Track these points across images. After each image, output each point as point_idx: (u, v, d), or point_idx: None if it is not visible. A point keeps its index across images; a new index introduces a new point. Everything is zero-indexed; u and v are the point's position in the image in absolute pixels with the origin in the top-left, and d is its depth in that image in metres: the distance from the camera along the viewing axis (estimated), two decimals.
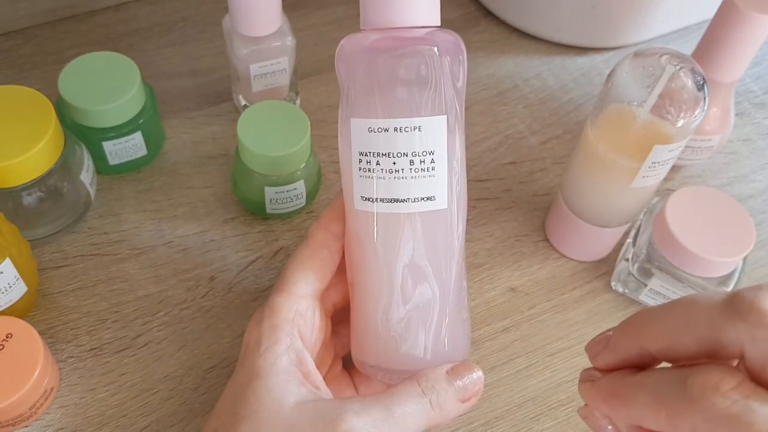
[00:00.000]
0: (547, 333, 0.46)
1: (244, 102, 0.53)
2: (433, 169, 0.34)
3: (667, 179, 0.53)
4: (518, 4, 0.60)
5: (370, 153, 0.34)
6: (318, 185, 0.50)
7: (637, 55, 0.39)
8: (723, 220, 0.42)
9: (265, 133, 0.45)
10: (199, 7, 0.61)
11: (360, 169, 0.34)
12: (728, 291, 0.24)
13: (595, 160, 0.42)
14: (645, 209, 0.46)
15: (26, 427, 0.41)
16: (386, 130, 0.33)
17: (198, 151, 0.53)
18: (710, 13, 0.46)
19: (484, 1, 0.63)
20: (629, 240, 0.46)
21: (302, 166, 0.46)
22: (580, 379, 0.30)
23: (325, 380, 0.36)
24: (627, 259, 0.46)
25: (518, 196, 0.53)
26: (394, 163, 0.33)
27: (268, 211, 0.48)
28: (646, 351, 0.27)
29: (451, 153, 0.34)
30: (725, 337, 0.23)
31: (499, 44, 0.61)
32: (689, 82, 0.38)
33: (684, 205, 0.43)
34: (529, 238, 0.50)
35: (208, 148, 0.53)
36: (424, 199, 0.34)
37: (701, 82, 0.38)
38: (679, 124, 0.38)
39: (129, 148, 0.48)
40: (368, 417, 0.31)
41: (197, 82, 0.56)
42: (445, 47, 0.33)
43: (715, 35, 0.46)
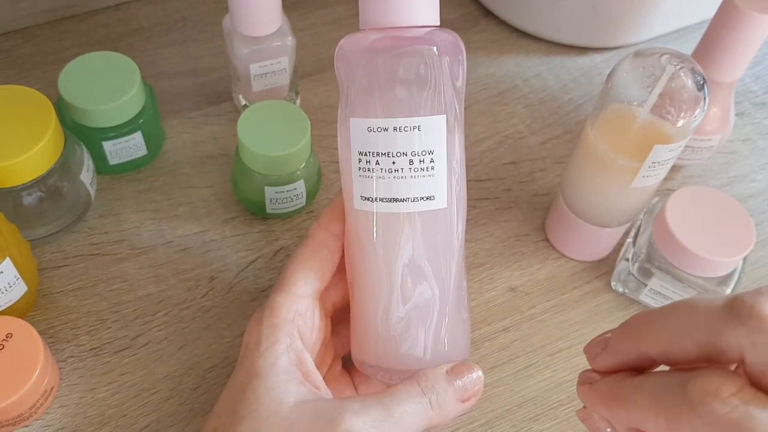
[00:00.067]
0: (547, 333, 0.46)
1: (244, 102, 0.53)
2: (433, 168, 0.33)
3: (667, 179, 0.53)
4: (518, 4, 0.60)
5: (370, 153, 0.34)
6: (318, 185, 0.50)
7: (637, 55, 0.39)
8: (723, 220, 0.42)
9: (265, 133, 0.45)
10: (199, 7, 0.61)
11: (359, 169, 0.34)
12: (728, 295, 0.24)
13: (595, 160, 0.42)
14: (645, 209, 0.46)
15: (26, 426, 0.41)
16: (385, 130, 0.33)
17: (198, 151, 0.53)
18: (710, 13, 0.46)
19: (484, 1, 0.63)
20: (629, 240, 0.46)
21: (302, 165, 0.46)
22: (579, 381, 0.30)
23: (325, 380, 0.36)
24: (627, 259, 0.46)
25: (518, 195, 0.53)
26: (394, 163, 0.33)
27: (268, 210, 0.48)
28: (645, 354, 0.26)
29: (451, 153, 0.34)
30: (725, 342, 0.23)
31: (499, 44, 0.61)
32: (689, 82, 0.38)
33: (684, 205, 0.43)
34: (529, 238, 0.50)
35: (208, 148, 0.53)
36: (424, 199, 0.34)
37: (701, 82, 0.38)
38: (679, 123, 0.38)
39: (129, 147, 0.48)
40: (368, 417, 0.31)
41: (197, 82, 0.56)
42: (444, 47, 0.33)
43: (715, 35, 0.46)
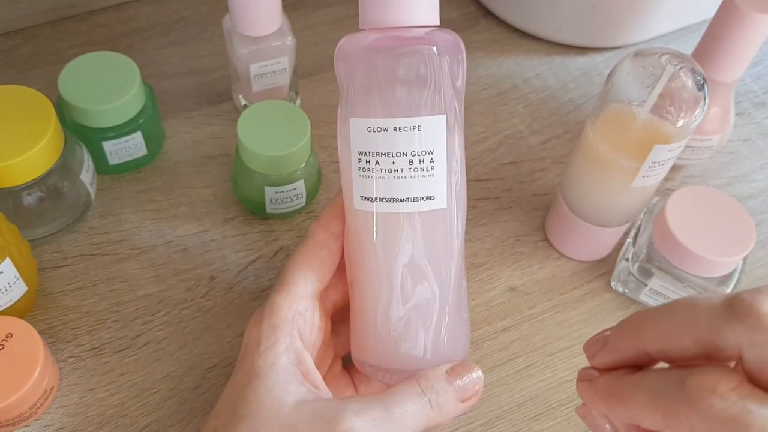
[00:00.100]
0: (547, 333, 0.46)
1: (244, 102, 0.53)
2: (433, 168, 0.33)
3: (667, 179, 0.53)
4: (518, 4, 0.60)
5: (370, 152, 0.34)
6: (318, 185, 0.50)
7: (637, 54, 0.39)
8: (723, 219, 0.42)
9: (265, 133, 0.45)
10: (199, 7, 0.61)
11: (359, 169, 0.34)
12: (727, 293, 0.24)
13: (596, 160, 0.42)
14: (645, 209, 0.46)
15: (26, 426, 0.41)
16: (385, 130, 0.33)
17: (198, 151, 0.53)
18: (710, 12, 0.46)
19: (484, 1, 0.63)
20: (629, 240, 0.46)
21: (302, 165, 0.46)
22: (578, 378, 0.30)
23: (325, 380, 0.36)
24: (627, 259, 0.46)
25: (518, 195, 0.53)
26: (394, 163, 0.33)
27: (268, 210, 0.48)
28: (644, 351, 0.27)
29: (451, 152, 0.34)
30: (723, 340, 0.23)
31: (499, 44, 0.61)
32: (689, 82, 0.38)
33: (684, 205, 0.43)
34: (529, 238, 0.50)
35: (208, 148, 0.53)
36: (424, 199, 0.34)
37: (701, 82, 0.38)
38: (679, 123, 0.38)
39: (129, 147, 0.48)
40: (367, 417, 0.31)
41: (197, 82, 0.56)
42: (444, 47, 0.33)
43: (715, 35, 0.46)
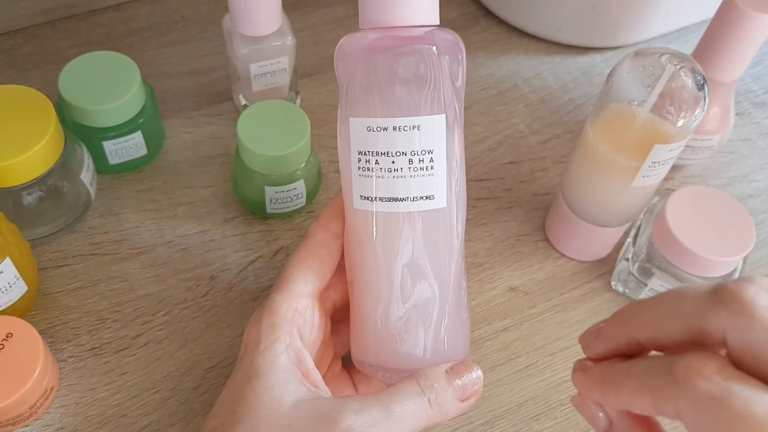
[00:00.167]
0: (548, 332, 0.46)
1: (244, 101, 0.53)
2: (432, 168, 0.33)
3: (667, 179, 0.53)
4: (518, 4, 0.60)
5: (369, 152, 0.34)
6: (318, 185, 0.50)
7: (638, 54, 0.39)
8: (723, 219, 0.42)
9: (265, 133, 0.45)
10: (199, 7, 0.61)
11: (359, 168, 0.34)
12: (715, 283, 0.25)
13: (596, 160, 0.42)
14: (645, 209, 0.46)
15: (26, 426, 0.41)
16: (385, 129, 0.33)
17: (198, 151, 0.53)
18: (710, 12, 0.46)
19: (484, 1, 0.63)
20: (629, 239, 0.46)
21: (302, 165, 0.46)
22: (574, 369, 0.30)
23: (325, 379, 0.36)
24: (627, 259, 0.46)
25: (518, 195, 0.53)
26: (393, 162, 0.33)
27: (269, 210, 0.48)
28: (636, 340, 0.28)
29: (450, 152, 0.34)
30: (709, 326, 0.25)
31: (499, 44, 0.61)
32: (689, 82, 0.38)
33: (684, 205, 0.43)
34: (529, 238, 0.50)
35: (209, 148, 0.53)
36: (423, 198, 0.34)
37: (701, 82, 0.38)
38: (680, 123, 0.38)
39: (129, 147, 0.48)
40: (367, 416, 0.31)
41: (197, 82, 0.56)
42: (444, 46, 0.33)
43: (715, 35, 0.46)
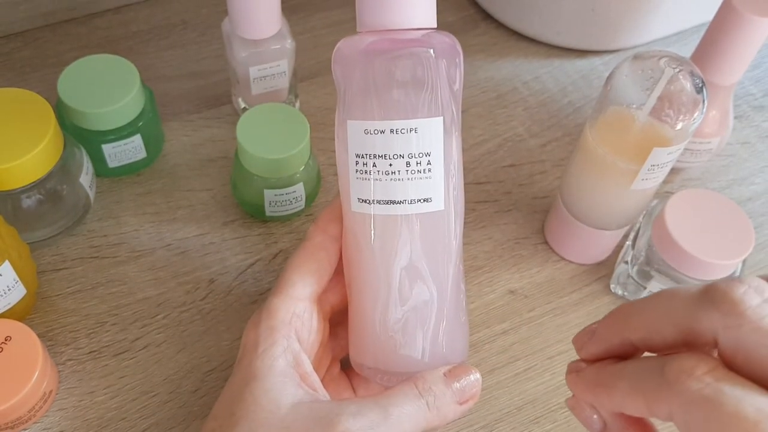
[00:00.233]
0: (547, 336, 0.46)
1: (243, 105, 0.53)
2: (430, 170, 0.33)
3: (666, 182, 0.53)
4: (517, 7, 0.60)
5: (367, 155, 0.34)
6: (317, 188, 0.50)
7: (636, 57, 0.39)
8: (722, 222, 0.42)
9: (264, 136, 0.45)
10: (199, 10, 0.61)
11: (356, 171, 0.34)
12: (705, 283, 0.25)
13: (595, 163, 0.42)
14: (644, 212, 0.46)
15: (25, 430, 0.41)
16: (382, 132, 0.33)
17: (197, 154, 0.53)
18: (709, 15, 0.46)
19: (484, 4, 0.63)
20: (628, 243, 0.46)
21: (301, 168, 0.46)
22: (567, 371, 0.30)
23: (324, 382, 0.36)
24: (626, 262, 0.46)
25: (517, 198, 0.53)
26: (391, 165, 0.33)
27: (268, 213, 0.48)
28: (629, 341, 0.28)
29: (448, 155, 0.34)
30: (700, 326, 0.25)
31: (498, 47, 0.62)
32: (688, 85, 0.38)
33: (683, 208, 0.43)
34: (528, 241, 0.50)
35: (208, 151, 0.53)
36: (421, 201, 0.34)
37: (700, 85, 0.38)
38: (678, 126, 0.38)
39: (128, 150, 0.48)
40: (364, 418, 0.31)
41: (197, 85, 0.57)
42: (441, 49, 0.33)
43: (713, 38, 0.46)
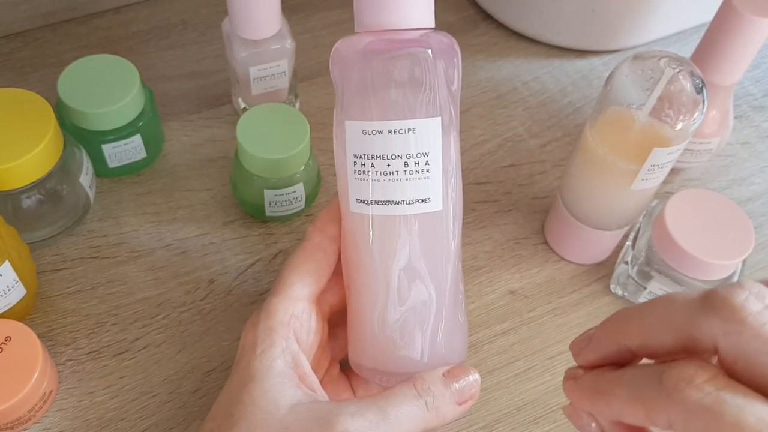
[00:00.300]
0: (547, 336, 0.46)
1: (243, 105, 0.53)
2: (428, 171, 0.33)
3: (666, 182, 0.53)
4: (518, 7, 0.60)
5: (365, 155, 0.34)
6: (317, 188, 0.50)
7: (636, 58, 0.39)
8: (722, 222, 0.42)
9: (264, 136, 0.45)
10: (199, 10, 0.61)
11: (355, 172, 0.34)
12: (705, 289, 0.25)
13: (595, 163, 0.42)
14: (644, 212, 0.46)
15: (25, 430, 0.41)
16: (380, 132, 0.33)
17: (197, 154, 0.53)
18: (709, 16, 0.46)
19: (484, 4, 0.63)
20: (628, 243, 0.46)
21: (301, 168, 0.46)
22: (565, 378, 0.30)
23: (323, 383, 0.36)
24: (626, 262, 0.46)
25: (517, 198, 0.53)
26: (389, 165, 0.33)
27: (268, 213, 0.48)
28: (626, 347, 0.27)
29: (446, 155, 0.34)
30: (700, 332, 0.24)
31: (498, 47, 0.61)
32: (688, 85, 0.38)
33: (683, 208, 0.43)
34: (528, 241, 0.50)
35: (208, 151, 0.53)
36: (419, 201, 0.34)
37: (700, 85, 0.38)
38: (678, 126, 0.38)
39: (128, 150, 0.48)
40: (363, 419, 0.31)
41: (197, 85, 0.57)
42: (439, 49, 0.33)
43: (713, 38, 0.46)
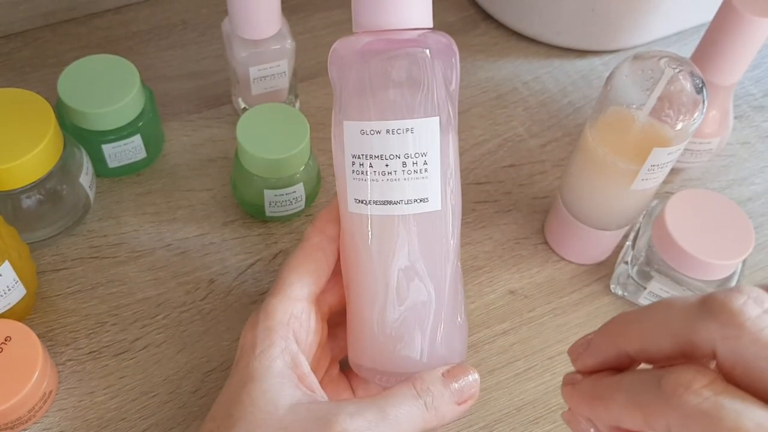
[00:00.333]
0: (547, 336, 0.46)
1: (243, 105, 0.53)
2: (426, 170, 0.33)
3: (666, 182, 0.53)
4: (518, 7, 0.60)
5: (363, 155, 0.34)
6: (317, 188, 0.50)
7: (636, 58, 0.39)
8: (722, 222, 0.42)
9: (264, 136, 0.45)
10: (199, 10, 0.61)
11: (353, 172, 0.34)
12: (704, 293, 0.25)
13: (595, 163, 0.42)
14: (644, 212, 0.46)
15: (25, 430, 0.41)
16: (378, 132, 0.33)
17: (197, 154, 0.53)
18: (709, 16, 0.46)
19: (484, 4, 0.63)
20: (628, 243, 0.46)
21: (301, 168, 0.46)
22: (563, 383, 0.30)
23: (322, 383, 0.36)
24: (626, 262, 0.46)
25: (517, 198, 0.53)
26: (387, 165, 0.33)
27: (268, 213, 0.48)
28: (625, 352, 0.27)
29: (444, 155, 0.34)
30: (698, 337, 0.24)
31: (498, 47, 0.61)
32: (688, 85, 0.38)
33: (683, 208, 0.43)
34: (528, 241, 0.50)
35: (208, 151, 0.53)
36: (418, 201, 0.34)
37: (700, 85, 0.38)
38: (678, 126, 0.38)
39: (128, 150, 0.48)
40: (362, 419, 0.31)
41: (197, 85, 0.57)
42: (437, 49, 0.33)
43: (714, 38, 0.46)
